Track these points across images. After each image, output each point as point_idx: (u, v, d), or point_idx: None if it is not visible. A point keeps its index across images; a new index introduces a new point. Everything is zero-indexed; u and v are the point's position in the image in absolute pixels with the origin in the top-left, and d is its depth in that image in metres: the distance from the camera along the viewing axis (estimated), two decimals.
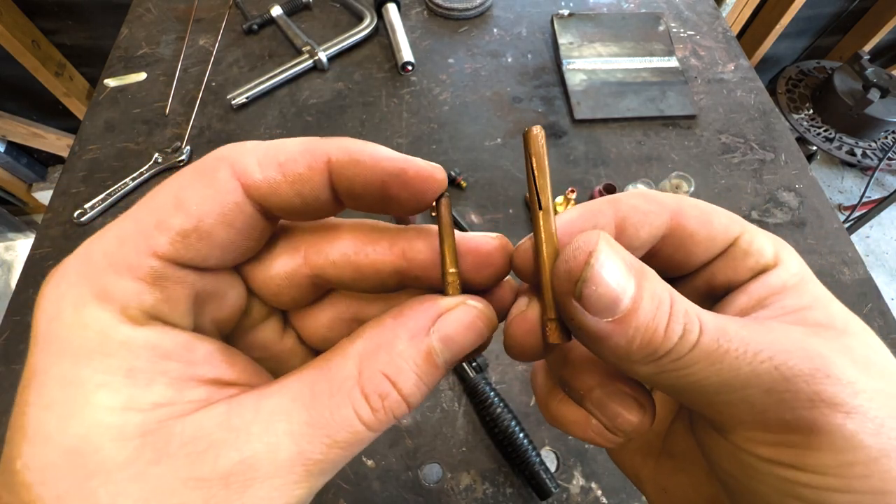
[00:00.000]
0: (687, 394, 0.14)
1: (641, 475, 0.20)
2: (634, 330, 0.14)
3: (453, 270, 0.17)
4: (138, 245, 0.14)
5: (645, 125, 0.75)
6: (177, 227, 0.14)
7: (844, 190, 1.90)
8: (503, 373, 0.55)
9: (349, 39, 0.82)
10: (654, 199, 0.17)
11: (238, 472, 0.13)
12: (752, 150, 0.73)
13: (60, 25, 1.29)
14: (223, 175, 0.14)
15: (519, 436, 0.48)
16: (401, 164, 0.15)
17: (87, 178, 0.69)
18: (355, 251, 0.17)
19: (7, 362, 0.56)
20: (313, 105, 0.77)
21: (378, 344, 0.15)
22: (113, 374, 0.13)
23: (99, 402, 0.12)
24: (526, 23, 0.88)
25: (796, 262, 0.16)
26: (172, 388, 0.13)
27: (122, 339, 0.13)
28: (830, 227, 0.65)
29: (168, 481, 0.12)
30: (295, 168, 0.15)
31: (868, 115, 1.31)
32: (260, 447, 0.13)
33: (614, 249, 0.14)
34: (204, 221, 0.14)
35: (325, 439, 0.14)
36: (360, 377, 0.14)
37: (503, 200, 0.67)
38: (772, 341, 0.13)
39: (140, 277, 0.14)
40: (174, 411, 0.13)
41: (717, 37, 0.86)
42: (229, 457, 0.13)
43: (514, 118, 0.76)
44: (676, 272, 0.18)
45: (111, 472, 0.12)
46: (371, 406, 0.14)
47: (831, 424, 0.12)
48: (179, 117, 0.75)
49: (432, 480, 0.49)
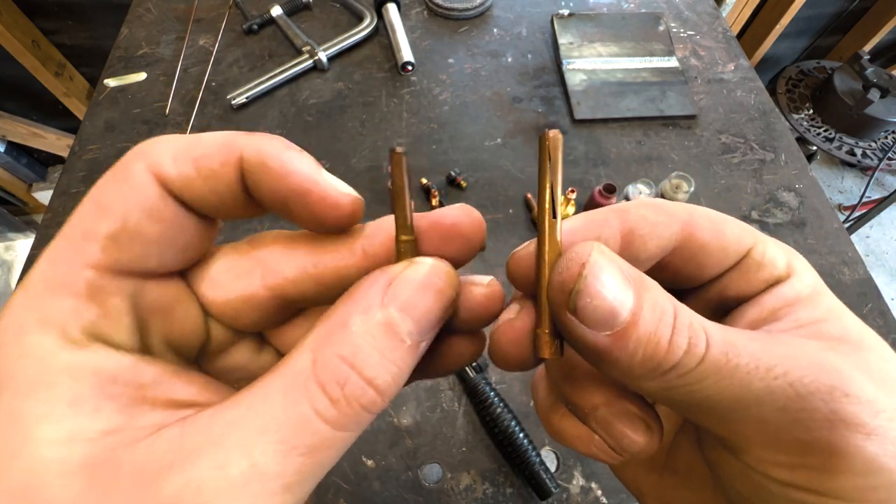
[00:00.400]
0: (696, 411, 0.14)
1: (643, 489, 0.20)
2: (636, 343, 0.13)
3: (406, 238, 0.15)
4: (70, 260, 0.13)
5: (645, 125, 0.75)
6: (104, 231, 0.13)
7: (844, 190, 1.90)
8: (503, 373, 0.55)
9: (349, 39, 0.82)
10: (664, 209, 0.16)
11: (185, 497, 0.11)
12: (752, 150, 0.73)
13: (60, 25, 1.29)
14: (138, 171, 0.14)
15: (519, 436, 0.48)
16: (306, 184, 0.14)
17: (87, 178, 0.69)
18: (313, 263, 0.15)
19: None
20: (313, 105, 0.77)
21: (330, 329, 0.13)
22: (55, 403, 0.12)
23: (41, 437, 0.11)
24: (526, 23, 0.88)
25: (809, 273, 0.16)
26: (122, 413, 0.12)
27: (64, 365, 0.12)
28: (830, 227, 0.65)
29: None
30: (208, 163, 0.14)
31: (868, 115, 1.31)
32: (207, 466, 0.11)
33: (610, 260, 0.13)
34: (129, 220, 0.13)
35: (280, 447, 0.12)
36: (315, 367, 0.12)
37: (503, 200, 0.67)
38: (785, 356, 0.13)
39: (76, 294, 0.13)
40: (124, 438, 0.12)
41: (717, 37, 0.86)
42: (174, 482, 0.11)
43: (514, 118, 0.76)
44: (687, 284, 0.17)
45: None
46: (329, 397, 0.12)
47: (851, 446, 0.12)
48: (179, 117, 0.75)
49: (432, 480, 0.49)
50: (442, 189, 0.67)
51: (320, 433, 0.12)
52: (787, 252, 0.16)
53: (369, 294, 0.14)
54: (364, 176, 0.69)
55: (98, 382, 0.12)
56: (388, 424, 0.52)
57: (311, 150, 0.57)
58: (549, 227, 0.15)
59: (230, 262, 0.16)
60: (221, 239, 0.64)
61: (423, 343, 0.14)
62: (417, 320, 0.14)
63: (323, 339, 0.13)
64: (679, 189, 0.62)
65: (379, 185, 0.68)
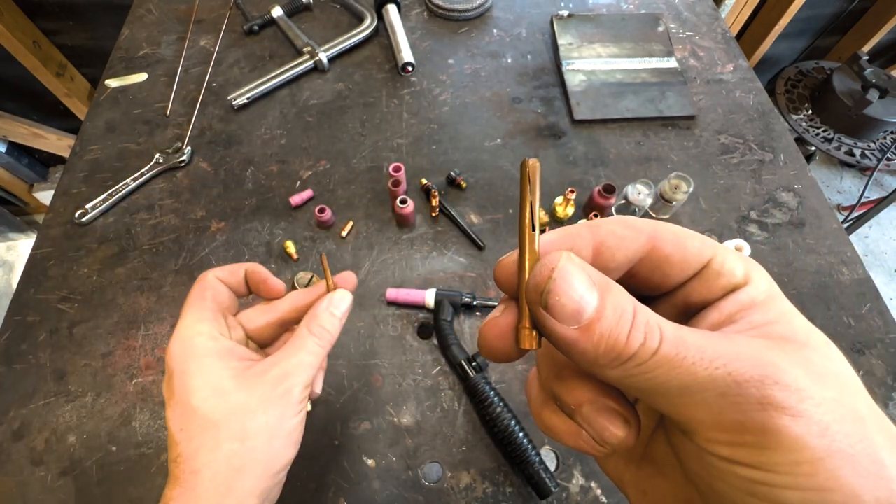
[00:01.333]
0: (652, 395, 0.16)
1: (624, 479, 0.22)
2: (599, 336, 0.15)
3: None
4: (204, 306, 0.33)
5: (644, 125, 0.75)
6: (212, 298, 0.34)
7: (843, 190, 1.90)
8: (503, 372, 0.55)
9: (350, 40, 0.82)
10: (632, 224, 0.18)
11: (278, 373, 0.30)
12: (751, 150, 0.73)
13: (61, 26, 1.29)
14: (214, 281, 0.34)
15: (519, 435, 0.48)
16: (268, 283, 0.36)
17: (88, 178, 0.70)
18: (291, 304, 0.36)
19: (8, 362, 0.56)
20: (314, 105, 0.77)
21: (309, 319, 0.33)
22: (210, 359, 0.30)
23: (208, 368, 0.30)
24: (525, 24, 0.88)
25: (765, 280, 0.18)
26: (235, 361, 0.31)
27: (211, 346, 0.31)
28: (829, 227, 0.66)
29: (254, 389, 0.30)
30: (237, 278, 0.35)
31: (867, 116, 1.31)
32: (289, 363, 0.31)
33: (578, 266, 0.16)
34: (224, 295, 0.35)
35: (303, 358, 0.31)
36: (308, 327, 0.32)
37: (503, 200, 0.67)
38: (728, 350, 0.15)
39: (210, 319, 0.32)
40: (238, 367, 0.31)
41: (716, 37, 0.87)
42: (272, 370, 0.31)
43: (514, 119, 0.76)
44: (655, 291, 0.20)
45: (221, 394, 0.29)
46: (315, 335, 0.32)
47: (779, 426, 0.14)
48: (180, 118, 0.76)
49: (432, 479, 0.50)
50: (442, 189, 0.67)
51: (314, 351, 0.32)
52: (745, 262, 0.18)
53: (319, 306, 0.33)
54: (364, 176, 0.69)
55: (224, 351, 0.31)
56: (388, 424, 0.52)
57: (311, 151, 0.58)
58: (529, 239, 0.18)
59: (255, 311, 0.36)
60: (225, 238, 0.64)
61: (343, 318, 0.34)
62: (340, 311, 0.34)
63: (307, 322, 0.33)
64: (678, 189, 0.62)
65: (379, 185, 0.68)
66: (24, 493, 0.49)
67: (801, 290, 0.61)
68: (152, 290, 0.60)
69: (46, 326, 0.58)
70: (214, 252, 0.63)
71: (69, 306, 0.59)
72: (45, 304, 0.60)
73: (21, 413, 0.53)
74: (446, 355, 0.55)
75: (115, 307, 0.59)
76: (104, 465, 0.50)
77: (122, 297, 0.60)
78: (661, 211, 0.65)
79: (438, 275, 0.61)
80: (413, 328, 0.58)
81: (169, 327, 0.58)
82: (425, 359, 0.56)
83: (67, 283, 0.61)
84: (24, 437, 0.52)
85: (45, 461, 0.51)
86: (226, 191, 0.68)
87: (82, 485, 0.49)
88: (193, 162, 0.71)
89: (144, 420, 0.53)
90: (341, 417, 0.53)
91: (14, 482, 0.50)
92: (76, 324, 0.58)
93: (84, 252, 0.63)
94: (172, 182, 0.70)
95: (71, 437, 0.52)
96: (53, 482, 0.50)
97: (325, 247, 0.64)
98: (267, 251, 0.63)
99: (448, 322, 0.55)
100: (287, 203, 0.66)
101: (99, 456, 0.51)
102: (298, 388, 0.30)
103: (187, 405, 0.28)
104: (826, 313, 0.59)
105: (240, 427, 0.28)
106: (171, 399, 0.29)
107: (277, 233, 0.65)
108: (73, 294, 0.60)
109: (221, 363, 0.29)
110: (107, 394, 0.54)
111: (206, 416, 0.28)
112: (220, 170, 0.70)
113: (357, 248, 0.64)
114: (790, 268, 0.62)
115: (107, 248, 0.64)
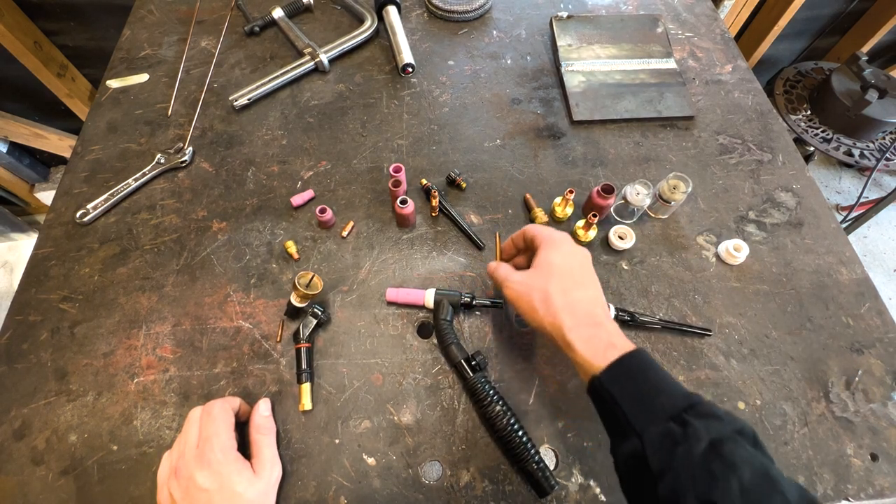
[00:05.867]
0: (509, 291, 0.48)
1: (510, 278, 0.49)
2: (493, 275, 0.52)
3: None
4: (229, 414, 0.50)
5: (643, 126, 0.75)
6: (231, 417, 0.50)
7: (842, 190, 1.91)
8: (502, 371, 0.55)
9: (350, 41, 0.82)
10: (530, 228, 0.51)
11: (268, 473, 0.49)
12: (749, 150, 0.73)
13: (62, 26, 1.29)
14: (224, 407, 0.49)
15: (518, 434, 0.48)
16: (250, 415, 0.52)
17: (89, 178, 0.70)
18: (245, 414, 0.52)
19: (9, 361, 0.56)
20: (314, 106, 0.77)
21: (252, 424, 0.51)
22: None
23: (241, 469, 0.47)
24: (525, 25, 0.89)
25: (547, 244, 0.49)
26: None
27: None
28: (828, 227, 0.66)
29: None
30: (232, 407, 0.49)
31: (866, 116, 1.31)
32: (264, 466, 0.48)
33: (497, 263, 0.53)
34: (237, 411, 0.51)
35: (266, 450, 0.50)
36: (252, 427, 0.50)
37: (502, 201, 0.68)
38: (526, 276, 0.48)
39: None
40: None
41: (714, 38, 0.87)
42: (265, 471, 0.48)
43: (514, 119, 0.76)
44: (530, 251, 0.52)
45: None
46: (258, 429, 0.50)
47: (510, 283, 0.49)
48: (182, 118, 0.76)
49: (432, 478, 0.50)
50: (442, 190, 0.67)
51: (262, 439, 0.50)
52: (544, 237, 0.49)
53: (257, 413, 0.51)
54: (365, 176, 0.69)
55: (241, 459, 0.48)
56: (388, 422, 0.52)
57: (312, 151, 0.59)
58: (498, 250, 0.59)
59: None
60: (227, 238, 0.64)
61: (270, 418, 0.52)
62: (267, 414, 0.52)
63: (252, 426, 0.51)
64: (677, 189, 0.62)
65: (379, 185, 0.69)
66: (25, 493, 0.49)
67: (799, 289, 0.61)
68: (154, 289, 0.61)
69: (48, 326, 0.58)
70: (216, 252, 0.63)
71: (70, 306, 0.60)
72: (47, 304, 0.60)
73: (22, 412, 0.53)
74: (446, 354, 0.55)
75: (116, 307, 0.60)
76: (105, 465, 0.51)
77: (124, 297, 0.60)
78: (660, 211, 0.65)
79: (438, 274, 0.62)
80: (413, 327, 0.58)
81: (170, 327, 0.58)
82: (425, 358, 0.56)
83: (69, 282, 0.61)
84: (25, 437, 0.52)
85: (46, 460, 0.51)
86: (227, 191, 0.69)
87: (83, 484, 0.50)
88: (195, 162, 0.72)
89: (145, 419, 0.53)
90: (342, 416, 0.53)
91: (15, 481, 0.50)
92: (77, 323, 0.58)
93: (85, 252, 0.64)
94: (174, 182, 0.70)
95: (72, 437, 0.52)
96: (54, 481, 0.50)
97: (326, 247, 0.64)
98: (268, 251, 0.63)
99: (448, 321, 0.56)
100: (288, 203, 0.67)
101: (100, 455, 0.51)
102: (275, 475, 0.49)
103: (234, 492, 0.44)
104: (825, 313, 0.60)
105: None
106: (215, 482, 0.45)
107: (278, 233, 0.65)
108: (74, 294, 0.61)
109: (242, 465, 0.47)
110: (108, 393, 0.54)
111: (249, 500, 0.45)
112: (221, 170, 0.71)
113: (357, 248, 0.64)
114: (789, 268, 0.63)
115: (108, 248, 0.64)
